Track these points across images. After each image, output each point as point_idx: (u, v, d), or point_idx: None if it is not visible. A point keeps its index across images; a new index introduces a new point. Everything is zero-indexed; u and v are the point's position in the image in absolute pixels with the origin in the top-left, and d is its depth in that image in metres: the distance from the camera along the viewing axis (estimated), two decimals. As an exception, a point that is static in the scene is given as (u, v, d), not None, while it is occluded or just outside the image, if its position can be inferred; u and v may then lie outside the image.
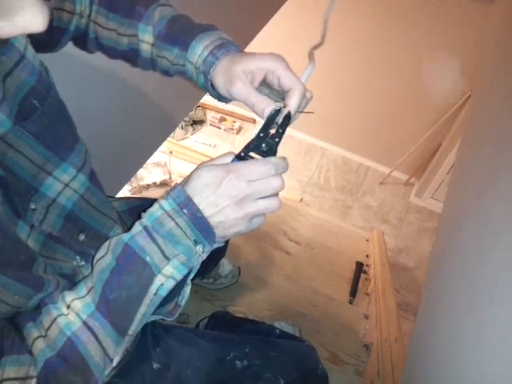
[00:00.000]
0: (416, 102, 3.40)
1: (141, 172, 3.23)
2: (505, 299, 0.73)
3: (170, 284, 0.52)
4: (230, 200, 0.52)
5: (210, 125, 4.14)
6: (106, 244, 0.54)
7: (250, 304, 1.54)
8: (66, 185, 0.60)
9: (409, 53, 3.15)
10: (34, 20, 0.34)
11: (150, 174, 3.29)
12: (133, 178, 3.13)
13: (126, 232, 0.53)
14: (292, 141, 4.09)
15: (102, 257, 0.53)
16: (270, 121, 0.57)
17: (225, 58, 0.59)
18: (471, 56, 2.86)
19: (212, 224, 0.53)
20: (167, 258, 0.51)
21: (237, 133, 4.12)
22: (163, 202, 0.52)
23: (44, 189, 0.57)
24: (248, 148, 0.56)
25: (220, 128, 4.12)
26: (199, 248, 0.53)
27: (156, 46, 0.64)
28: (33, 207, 0.55)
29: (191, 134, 3.98)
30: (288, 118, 0.57)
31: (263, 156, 0.56)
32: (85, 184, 0.63)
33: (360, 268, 2.29)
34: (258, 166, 0.53)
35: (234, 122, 4.11)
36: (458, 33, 2.88)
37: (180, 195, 0.52)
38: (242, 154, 0.56)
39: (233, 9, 1.53)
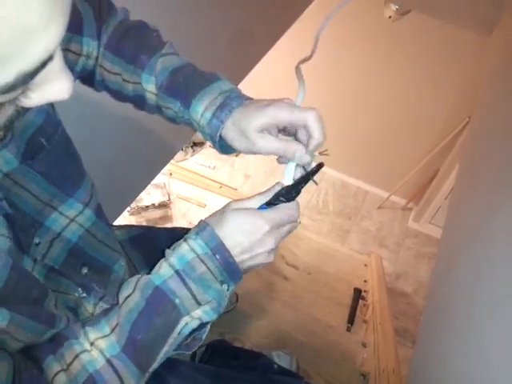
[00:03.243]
0: (414, 127, 3.44)
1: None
2: (506, 326, 0.73)
3: (195, 324, 0.53)
4: (264, 248, 0.54)
5: (210, 146, 4.16)
6: (131, 282, 0.54)
7: (248, 332, 1.53)
8: (72, 220, 0.60)
9: (408, 79, 3.20)
10: (62, 90, 0.35)
11: (148, 195, 3.29)
12: (132, 199, 3.12)
13: (129, 263, 0.53)
14: (291, 164, 4.10)
15: (129, 296, 0.53)
16: (310, 175, 0.59)
17: (231, 117, 0.58)
18: (469, 83, 2.91)
19: (242, 268, 0.55)
20: (199, 303, 0.52)
21: (236, 155, 4.14)
22: (194, 244, 0.53)
23: (49, 223, 0.57)
24: (279, 195, 0.58)
25: (220, 150, 4.14)
26: (224, 287, 0.54)
27: (159, 96, 0.64)
28: (36, 241, 0.55)
29: (191, 156, 4.00)
30: (320, 167, 0.59)
31: (289, 200, 0.58)
32: (91, 218, 0.63)
33: (358, 295, 2.27)
34: (289, 215, 0.56)
35: (234, 144, 4.13)
36: (457, 61, 2.93)
37: (212, 239, 0.53)
38: (273, 201, 0.58)
39: (241, 32, 1.56)
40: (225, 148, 0.63)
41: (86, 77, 0.70)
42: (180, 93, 0.61)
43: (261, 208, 0.57)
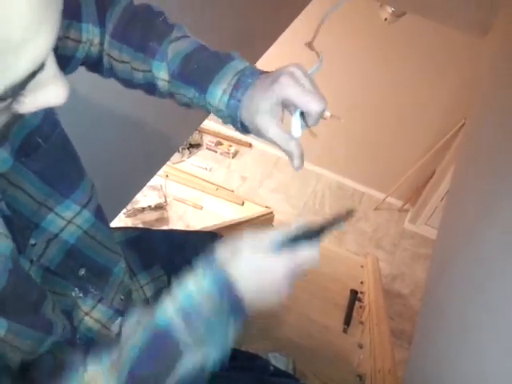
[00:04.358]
0: (411, 129, 3.45)
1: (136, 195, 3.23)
2: (503, 325, 0.73)
3: (198, 363, 0.51)
4: (279, 295, 0.53)
5: (207, 148, 4.17)
6: (135, 316, 0.53)
7: (244, 333, 1.53)
8: (69, 221, 0.59)
9: (404, 80, 3.21)
10: (57, 96, 0.34)
11: (145, 197, 3.29)
12: (128, 201, 3.12)
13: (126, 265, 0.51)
14: (288, 165, 4.12)
15: (132, 332, 0.52)
16: (338, 221, 0.55)
17: (245, 97, 0.56)
18: (465, 85, 2.92)
19: (250, 309, 0.53)
20: (202, 346, 0.51)
21: (233, 157, 4.14)
22: (203, 283, 0.51)
23: (45, 224, 0.56)
24: (301, 234, 0.54)
25: (216, 152, 4.14)
26: (230, 328, 0.52)
27: (172, 83, 0.62)
28: (32, 242, 0.54)
29: (187, 158, 4.00)
30: (349, 215, 0.55)
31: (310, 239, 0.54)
32: (89, 220, 0.62)
33: (354, 296, 2.27)
34: (310, 260, 0.54)
35: (230, 146, 4.14)
36: (453, 63, 2.95)
37: (221, 279, 0.51)
38: (294, 239, 0.54)
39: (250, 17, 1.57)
40: (246, 128, 0.61)
41: (93, 64, 0.69)
42: (195, 79, 0.59)
43: (278, 247, 0.53)
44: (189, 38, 0.63)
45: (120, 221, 3.10)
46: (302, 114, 0.56)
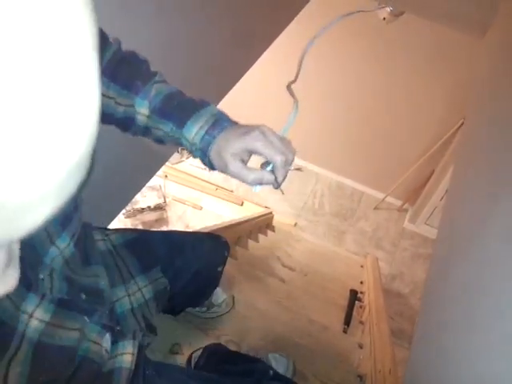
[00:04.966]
0: (409, 129, 3.45)
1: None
2: (503, 325, 0.73)
3: None
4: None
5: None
6: None
7: (244, 334, 1.52)
8: (61, 251, 0.62)
9: (403, 81, 3.21)
10: (4, 288, 0.31)
11: (144, 197, 3.28)
12: (127, 202, 3.12)
13: (123, 268, 0.51)
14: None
15: None
16: None
17: (220, 135, 0.66)
18: (464, 86, 2.92)
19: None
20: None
21: (232, 157, 4.14)
22: None
23: (47, 258, 0.59)
24: None
25: (215, 152, 4.14)
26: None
27: (151, 118, 0.70)
28: (41, 277, 0.57)
29: (186, 158, 3.99)
30: None
31: None
32: (71, 249, 0.65)
33: (354, 296, 2.27)
34: None
35: (230, 146, 4.14)
36: (452, 63, 2.94)
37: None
38: None
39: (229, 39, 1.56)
40: (212, 163, 0.69)
41: None
42: (174, 115, 0.68)
43: None
44: (168, 83, 0.74)
45: (119, 221, 3.10)
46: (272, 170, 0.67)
